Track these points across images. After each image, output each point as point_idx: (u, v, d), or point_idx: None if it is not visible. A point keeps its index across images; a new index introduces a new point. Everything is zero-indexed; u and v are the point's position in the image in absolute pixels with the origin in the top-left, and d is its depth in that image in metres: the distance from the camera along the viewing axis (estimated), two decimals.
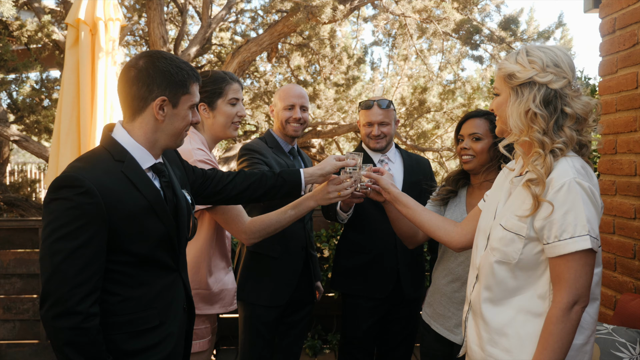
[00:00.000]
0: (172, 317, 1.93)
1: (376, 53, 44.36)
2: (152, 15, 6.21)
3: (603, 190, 3.15)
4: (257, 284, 3.07)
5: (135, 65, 1.86)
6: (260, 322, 3.06)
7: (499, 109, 1.95)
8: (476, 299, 1.97)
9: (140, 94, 1.84)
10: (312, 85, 9.80)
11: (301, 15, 5.97)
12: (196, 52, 7.20)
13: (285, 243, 3.08)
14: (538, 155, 1.82)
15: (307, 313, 3.30)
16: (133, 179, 1.80)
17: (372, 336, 3.22)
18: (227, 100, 2.64)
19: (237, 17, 9.90)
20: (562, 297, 1.72)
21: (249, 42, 6.84)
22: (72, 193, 1.66)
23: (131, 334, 1.80)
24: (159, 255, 1.87)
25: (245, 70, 7.10)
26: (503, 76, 1.89)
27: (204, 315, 2.60)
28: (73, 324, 1.62)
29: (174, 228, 1.92)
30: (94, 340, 1.66)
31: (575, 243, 1.70)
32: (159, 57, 1.87)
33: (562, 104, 1.83)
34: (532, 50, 1.87)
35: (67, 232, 1.64)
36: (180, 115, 1.91)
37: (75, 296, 1.63)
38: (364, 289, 3.17)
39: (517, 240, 1.83)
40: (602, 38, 3.20)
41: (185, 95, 1.90)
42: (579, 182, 1.73)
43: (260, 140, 3.24)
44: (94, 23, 4.59)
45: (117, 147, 1.83)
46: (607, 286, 3.10)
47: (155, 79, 1.84)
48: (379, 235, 3.14)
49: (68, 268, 1.63)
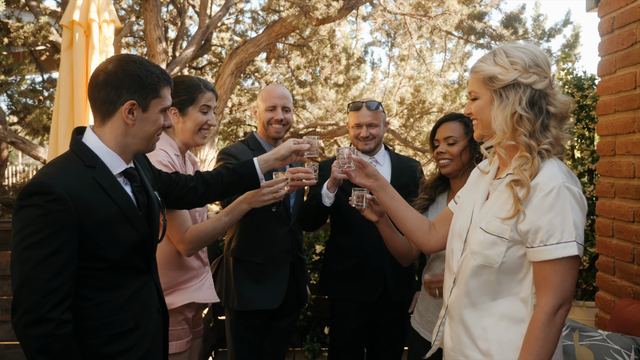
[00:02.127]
0: (147, 319, 1.91)
1: (376, 53, 44.34)
2: (149, 16, 6.17)
3: (602, 192, 3.10)
4: (241, 291, 3.03)
5: (104, 69, 1.84)
6: (244, 327, 3.04)
7: (480, 113, 1.88)
8: (454, 305, 1.92)
9: (109, 98, 1.81)
10: (312, 85, 9.77)
11: (295, 12, 5.92)
12: (194, 52, 7.16)
13: (270, 248, 3.05)
14: (525, 159, 1.77)
15: (294, 319, 3.27)
16: (104, 185, 1.78)
17: (360, 339, 3.20)
18: (198, 107, 2.63)
19: (237, 17, 9.88)
20: (548, 301, 1.68)
21: (247, 42, 6.80)
22: (43, 200, 1.64)
23: (108, 338, 1.78)
24: (133, 261, 1.86)
25: (242, 71, 7.05)
26: (482, 79, 1.83)
27: (180, 315, 2.58)
28: (45, 331, 1.60)
29: (148, 234, 1.90)
30: (67, 347, 1.64)
31: (563, 249, 1.66)
32: (129, 61, 1.84)
33: (546, 104, 1.79)
34: (510, 51, 1.81)
35: (37, 240, 1.62)
36: (151, 119, 1.88)
37: (46, 304, 1.61)
38: (353, 293, 3.13)
39: (499, 243, 1.78)
40: (600, 37, 3.15)
41: (156, 99, 1.87)
42: (568, 187, 1.70)
43: (241, 144, 3.21)
44: (87, 24, 4.56)
45: (87, 152, 1.81)
46: (606, 290, 3.04)
47: (124, 83, 1.81)
48: (366, 238, 3.10)
49: (39, 276, 1.61)
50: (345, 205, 3.00)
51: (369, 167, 2.26)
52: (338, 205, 3.07)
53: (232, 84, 6.83)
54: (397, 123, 9.95)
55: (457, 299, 1.90)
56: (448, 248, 2.03)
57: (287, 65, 9.78)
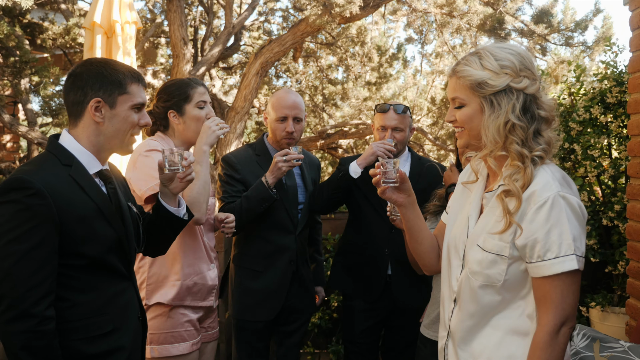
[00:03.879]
0: (127, 325, 1.92)
1: (410, 51, 43.74)
2: (173, 17, 6.20)
3: (632, 195, 2.94)
4: (243, 299, 3.03)
5: (72, 72, 1.88)
6: (249, 332, 3.03)
7: (469, 122, 1.72)
8: (457, 327, 1.79)
9: (76, 99, 1.86)
10: (343, 84, 9.68)
11: (317, 11, 5.84)
12: (220, 53, 7.16)
13: (271, 257, 3.02)
14: (516, 168, 1.64)
15: (303, 322, 3.22)
16: (81, 182, 1.81)
17: (371, 342, 3.20)
18: (194, 103, 2.63)
19: (267, 16, 9.85)
20: (549, 320, 1.57)
21: (272, 42, 6.74)
22: (22, 195, 1.65)
23: (86, 340, 1.78)
24: (111, 260, 1.87)
25: (268, 71, 7.00)
26: (469, 85, 1.67)
27: (183, 316, 2.58)
28: (28, 327, 1.61)
29: (124, 233, 1.92)
30: (49, 345, 1.64)
31: (561, 264, 1.55)
32: (93, 62, 1.90)
33: (537, 108, 1.66)
34: (497, 52, 1.67)
35: (18, 235, 1.64)
36: (121, 116, 1.89)
37: (29, 299, 1.62)
38: (355, 288, 3.16)
39: (499, 262, 1.66)
40: (631, 32, 2.99)
41: (123, 95, 1.89)
42: (564, 197, 1.57)
43: (247, 148, 3.18)
44: (110, 26, 4.61)
45: (64, 152, 1.84)
46: (636, 298, 2.90)
47: (88, 82, 1.85)
48: (373, 239, 3.11)
49: (21, 270, 1.63)
50: (361, 203, 3.13)
51: (407, 183, 1.98)
52: (356, 201, 3.14)
53: (257, 83, 6.79)
54: (429, 121, 9.78)
55: (460, 322, 1.78)
56: (444, 261, 1.90)
57: (317, 63, 9.70)
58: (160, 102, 2.67)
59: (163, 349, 2.50)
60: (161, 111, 2.66)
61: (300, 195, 3.15)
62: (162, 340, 2.50)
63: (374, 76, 9.72)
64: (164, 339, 2.51)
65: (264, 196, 2.85)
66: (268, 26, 10.36)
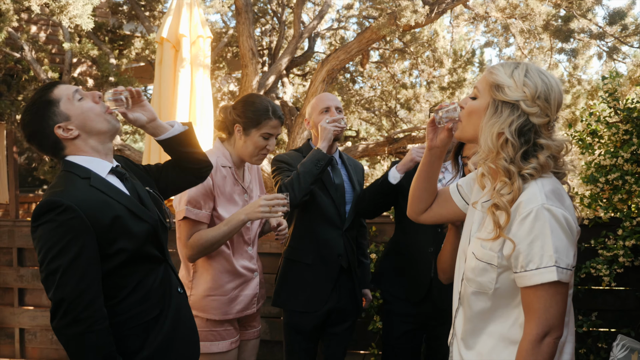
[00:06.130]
0: (169, 303, 2.10)
1: (488, 54, 42.49)
2: (241, 29, 6.48)
3: None
4: (292, 290, 3.16)
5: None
6: (297, 330, 3.15)
7: (471, 115, 1.78)
8: (459, 329, 1.88)
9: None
10: (414, 88, 9.65)
11: (383, 20, 5.91)
12: (288, 62, 7.38)
13: (319, 250, 3.12)
14: (504, 184, 1.68)
15: (349, 325, 3.30)
16: (103, 189, 1.95)
17: (409, 347, 3.20)
18: (260, 132, 2.73)
19: (340, 24, 10.00)
20: (532, 329, 1.60)
21: (338, 50, 6.89)
22: (54, 214, 1.82)
23: (137, 328, 1.98)
24: (147, 250, 2.03)
25: (334, 78, 7.14)
26: (491, 83, 1.73)
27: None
28: (82, 329, 1.79)
29: (155, 221, 2.07)
30: (103, 343, 1.83)
31: (541, 275, 1.58)
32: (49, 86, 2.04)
33: (535, 138, 1.69)
34: (531, 71, 1.70)
35: (59, 250, 1.80)
36: (78, 109, 1.99)
37: (80, 304, 1.80)
38: (398, 290, 3.18)
39: (489, 270, 1.71)
40: None
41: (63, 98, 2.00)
42: (548, 209, 1.59)
43: (295, 152, 3.30)
44: (177, 40, 4.91)
45: (77, 167, 1.99)
46: None
47: (46, 111, 2.00)
48: (418, 238, 3.12)
49: (69, 280, 1.80)
50: (403, 205, 3.07)
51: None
52: (399, 204, 3.16)
53: (323, 90, 6.96)
54: None
55: (462, 324, 1.87)
56: (457, 261, 1.98)
57: (387, 69, 9.73)
58: (234, 112, 2.78)
59: (203, 346, 2.68)
60: (231, 119, 2.79)
61: (348, 194, 3.26)
62: (202, 337, 2.69)
63: (448, 81, 9.61)
64: (204, 336, 2.71)
65: (318, 157, 2.94)
66: (343, 32, 10.52)
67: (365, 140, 10.24)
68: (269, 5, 8.97)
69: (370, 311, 4.32)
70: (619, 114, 4.04)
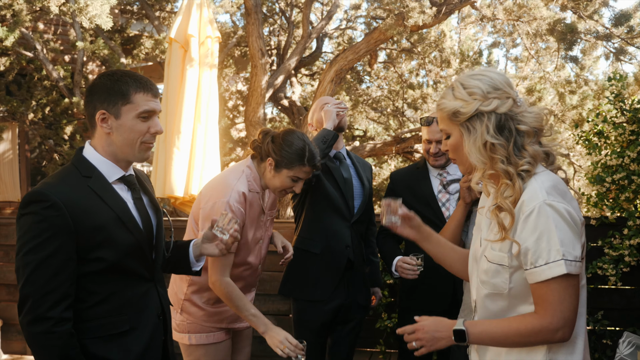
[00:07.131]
0: (145, 325, 2.02)
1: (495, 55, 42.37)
2: (251, 29, 6.52)
3: None
4: (299, 279, 3.22)
5: (87, 87, 2.03)
6: (305, 326, 3.19)
7: (456, 151, 1.85)
8: None
9: (89, 111, 1.95)
10: (421, 88, 9.67)
11: (390, 21, 5.95)
12: (297, 62, 7.43)
13: (327, 240, 3.19)
14: (506, 186, 1.74)
15: (358, 322, 3.33)
16: (100, 192, 1.91)
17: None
18: (291, 174, 2.72)
19: (348, 24, 10.04)
20: (546, 317, 1.66)
21: (346, 50, 6.93)
22: (39, 207, 1.79)
23: (102, 338, 1.91)
24: (130, 264, 1.96)
25: (342, 78, 7.19)
26: (447, 116, 1.80)
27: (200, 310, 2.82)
28: (45, 328, 1.77)
29: (144, 238, 2.01)
30: (66, 343, 1.80)
31: (550, 269, 1.62)
32: (102, 75, 1.97)
33: (515, 124, 1.73)
34: (466, 82, 1.77)
35: (36, 244, 1.78)
36: (127, 126, 1.93)
37: (46, 303, 1.77)
38: (421, 303, 3.16)
39: (502, 271, 1.76)
40: None
41: (127, 105, 1.92)
42: (550, 204, 1.64)
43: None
44: (186, 40, 4.93)
45: (84, 163, 1.95)
46: None
47: (94, 95, 1.93)
48: None
49: (38, 277, 1.78)
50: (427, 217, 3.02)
51: (414, 220, 2.14)
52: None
53: (331, 90, 7.01)
54: None
55: None
56: (469, 269, 2.01)
57: (394, 69, 9.76)
58: (271, 145, 2.74)
59: (199, 337, 2.78)
60: (266, 151, 2.76)
61: (356, 189, 3.32)
62: (198, 329, 2.78)
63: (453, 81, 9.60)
64: (200, 328, 2.79)
65: (324, 134, 3.09)
66: (351, 33, 10.55)
67: (373, 140, 10.28)
68: (277, 5, 9.03)
69: (378, 309, 4.35)
70: (625, 114, 4.06)
